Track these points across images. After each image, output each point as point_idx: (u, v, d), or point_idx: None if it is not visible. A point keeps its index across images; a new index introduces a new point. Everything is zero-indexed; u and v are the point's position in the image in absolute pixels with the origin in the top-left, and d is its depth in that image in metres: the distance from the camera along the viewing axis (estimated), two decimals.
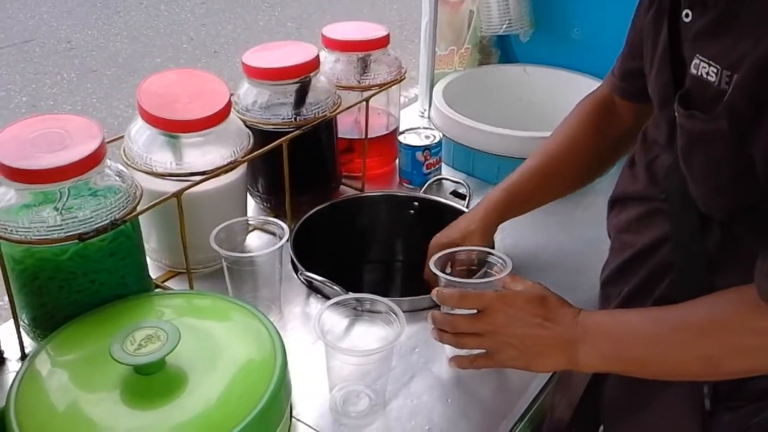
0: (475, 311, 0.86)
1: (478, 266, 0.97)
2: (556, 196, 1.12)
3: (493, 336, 0.84)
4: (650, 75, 0.87)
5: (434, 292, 0.89)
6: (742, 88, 0.67)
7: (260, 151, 1.06)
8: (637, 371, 0.83)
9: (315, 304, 1.06)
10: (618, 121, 1.06)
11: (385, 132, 1.40)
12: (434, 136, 1.36)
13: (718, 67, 0.71)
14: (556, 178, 1.09)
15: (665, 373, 0.81)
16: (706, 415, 0.84)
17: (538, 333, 0.83)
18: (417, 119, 1.63)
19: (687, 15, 0.77)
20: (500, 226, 1.11)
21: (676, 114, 0.76)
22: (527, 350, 0.83)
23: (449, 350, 0.94)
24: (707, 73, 0.72)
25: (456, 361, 0.91)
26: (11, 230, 0.81)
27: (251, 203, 1.27)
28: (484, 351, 0.87)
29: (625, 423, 0.94)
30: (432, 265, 0.93)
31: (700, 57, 0.73)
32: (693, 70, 0.74)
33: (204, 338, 0.82)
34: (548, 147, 1.09)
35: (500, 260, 0.93)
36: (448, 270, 0.96)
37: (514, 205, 1.08)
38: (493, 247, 1.12)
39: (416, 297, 1.03)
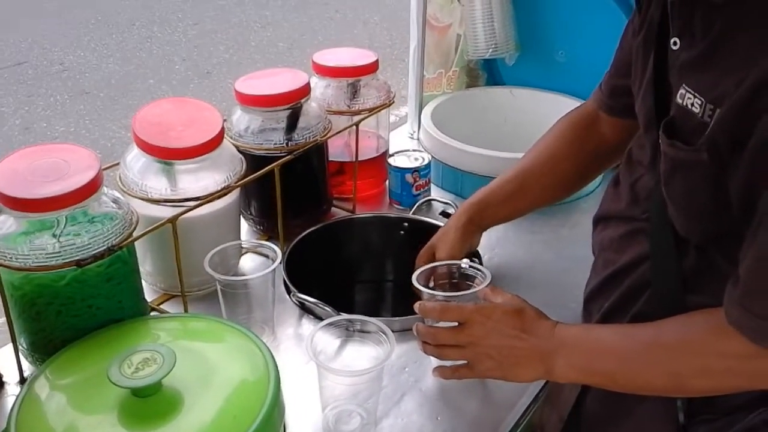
0: (456, 324, 0.89)
1: (459, 279, 1.00)
2: (531, 204, 1.15)
3: (473, 347, 0.88)
4: (638, 97, 0.90)
5: (417, 305, 0.93)
6: (723, 125, 0.70)
7: (253, 176, 1.09)
8: (608, 384, 0.86)
9: (307, 325, 1.08)
10: (599, 136, 1.09)
11: (375, 154, 1.43)
12: (423, 158, 1.39)
13: (703, 99, 0.73)
14: (532, 187, 1.12)
15: (634, 387, 0.84)
16: (681, 428, 0.86)
17: (514, 344, 0.86)
18: (406, 141, 1.66)
19: (675, 43, 0.79)
20: (488, 245, 1.13)
21: (660, 141, 0.79)
22: (504, 360, 0.87)
23: (434, 361, 0.96)
24: (692, 104, 0.74)
25: (439, 371, 0.94)
26: (11, 257, 0.84)
27: (245, 226, 1.29)
28: (465, 362, 0.90)
29: None
30: (414, 280, 0.96)
31: (686, 87, 0.75)
32: (678, 100, 0.76)
33: (199, 360, 0.83)
34: (526, 157, 1.12)
35: (480, 273, 0.97)
36: (432, 284, 0.99)
37: (488, 209, 1.11)
38: (476, 254, 1.16)
39: (406, 317, 1.05)
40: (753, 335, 0.71)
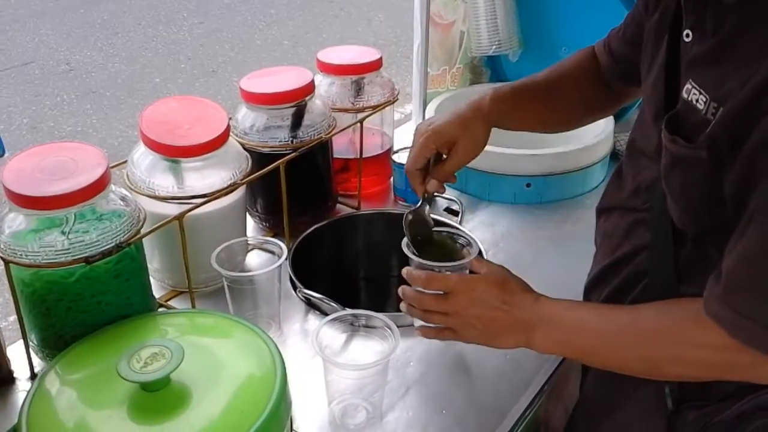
0: (442, 292, 0.91)
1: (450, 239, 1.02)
2: (548, 115, 1.11)
3: (457, 316, 0.90)
4: (646, 80, 0.90)
5: (404, 270, 0.95)
6: (724, 124, 0.70)
7: (259, 173, 1.10)
8: (585, 359, 0.90)
9: (313, 321, 1.09)
10: (603, 80, 1.10)
11: (380, 151, 1.43)
12: None
13: (707, 97, 0.73)
14: (556, 95, 1.09)
15: (611, 366, 0.86)
16: (670, 414, 0.88)
17: (496, 315, 0.88)
18: (410, 138, 1.66)
19: (688, 35, 0.79)
20: (493, 240, 1.14)
21: (662, 135, 0.79)
22: (486, 329, 0.89)
23: (417, 321, 0.97)
24: (696, 100, 0.75)
25: (422, 330, 0.96)
26: (21, 254, 0.85)
27: (250, 223, 1.30)
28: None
29: (601, 423, 0.98)
30: (404, 246, 0.97)
31: (693, 83, 0.76)
32: (684, 94, 0.77)
33: (206, 355, 0.84)
34: (554, 68, 1.11)
35: (468, 243, 0.99)
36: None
37: (517, 103, 1.07)
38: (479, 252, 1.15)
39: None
40: (731, 329, 0.72)
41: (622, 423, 0.94)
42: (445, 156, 1.03)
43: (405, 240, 0.99)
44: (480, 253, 1.00)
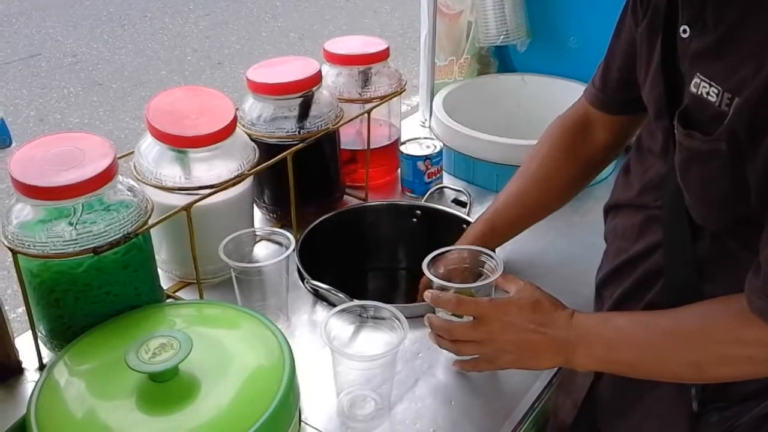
0: (471, 318, 0.89)
1: (470, 264, 0.99)
2: (534, 222, 1.14)
3: (490, 343, 0.88)
4: (645, 85, 0.89)
5: (427, 294, 0.92)
6: (743, 113, 0.69)
7: (266, 164, 1.09)
8: (628, 372, 0.86)
9: (321, 312, 1.09)
10: (593, 141, 1.07)
11: (387, 143, 1.43)
12: (435, 146, 1.39)
13: (719, 88, 0.72)
14: (533, 207, 1.12)
15: (654, 375, 0.84)
16: (694, 416, 0.86)
17: (532, 338, 0.86)
18: (418, 129, 1.66)
19: (685, 31, 0.78)
20: None
21: (676, 131, 0.78)
22: (523, 354, 0.87)
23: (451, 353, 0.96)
24: (707, 93, 0.73)
25: (459, 364, 0.94)
26: (29, 245, 0.85)
27: (258, 214, 1.30)
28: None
29: (617, 422, 0.97)
30: (425, 268, 0.94)
31: (701, 76, 0.74)
32: (693, 89, 0.75)
33: (215, 346, 0.85)
34: (524, 177, 1.11)
35: (492, 260, 0.96)
36: (442, 270, 0.98)
37: (495, 237, 1.11)
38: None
39: (419, 303, 1.06)
40: None
41: (642, 422, 0.92)
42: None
43: (426, 260, 0.96)
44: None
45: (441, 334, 0.91)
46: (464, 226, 1.04)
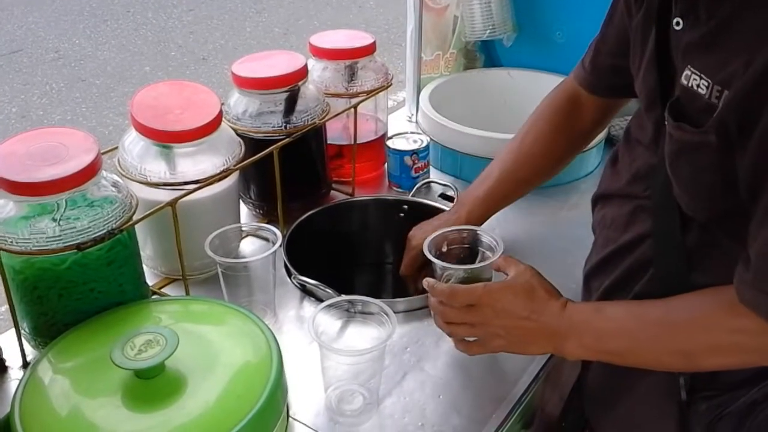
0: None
1: (470, 244, 1.00)
2: (521, 196, 1.18)
3: (483, 327, 0.89)
4: (638, 76, 0.89)
5: (427, 283, 0.93)
6: (732, 106, 0.69)
7: (252, 159, 1.09)
8: (618, 361, 0.87)
9: (309, 307, 1.09)
10: (581, 119, 1.10)
11: (374, 137, 1.42)
12: (422, 141, 1.39)
13: (710, 81, 0.72)
14: (524, 183, 1.16)
15: (645, 364, 0.84)
16: (683, 404, 0.87)
17: (524, 325, 0.87)
18: (405, 124, 1.66)
19: (678, 23, 0.78)
20: (488, 226, 1.13)
21: (666, 123, 0.78)
22: (515, 340, 0.88)
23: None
24: (698, 86, 0.74)
25: (454, 343, 0.95)
26: (11, 241, 0.84)
27: (244, 210, 1.29)
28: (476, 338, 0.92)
29: (605, 412, 0.98)
30: (426, 249, 0.96)
31: (692, 69, 0.75)
32: (684, 81, 0.76)
33: (201, 342, 0.84)
34: (518, 154, 1.13)
35: (492, 240, 0.97)
36: (445, 248, 0.99)
37: (489, 211, 1.14)
38: None
39: (407, 298, 1.06)
40: (766, 313, 0.71)
41: (631, 410, 0.93)
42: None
43: (427, 242, 0.97)
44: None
45: (437, 314, 0.93)
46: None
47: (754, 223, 0.71)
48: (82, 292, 0.90)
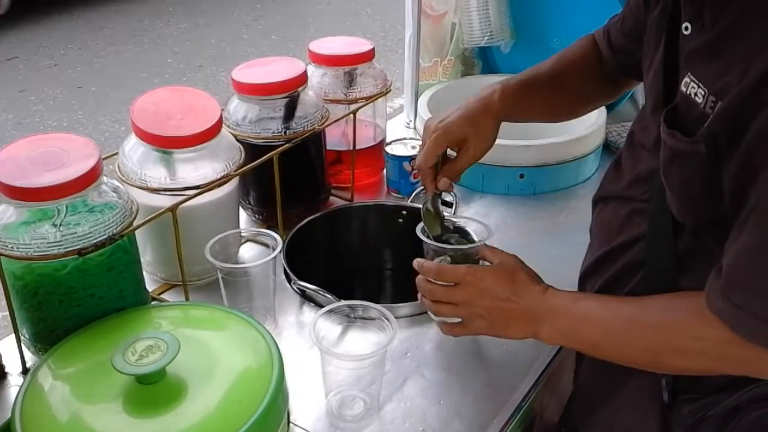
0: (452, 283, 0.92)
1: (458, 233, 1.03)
2: (553, 108, 1.12)
3: (466, 307, 0.91)
4: (648, 73, 0.90)
5: (416, 262, 0.95)
6: (723, 118, 0.70)
7: (252, 164, 1.09)
8: (591, 351, 0.89)
9: (309, 313, 1.08)
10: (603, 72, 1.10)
11: (373, 143, 1.43)
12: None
13: (706, 90, 0.73)
14: (561, 87, 1.09)
15: (616, 358, 0.86)
16: (665, 406, 0.88)
17: (504, 306, 0.89)
18: (403, 130, 1.66)
19: (686, 28, 0.79)
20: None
21: (661, 129, 0.79)
22: (495, 321, 0.90)
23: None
24: (695, 94, 0.74)
25: (440, 325, 0.98)
26: (12, 247, 0.84)
27: (243, 215, 1.29)
28: (459, 320, 0.94)
29: (593, 411, 0.98)
30: (419, 231, 0.99)
31: (691, 76, 0.75)
32: (683, 88, 0.76)
33: (202, 348, 0.84)
34: (557, 59, 1.10)
35: (481, 226, 1.01)
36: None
37: (518, 103, 1.04)
38: (494, 139, 1.08)
39: (407, 303, 1.06)
40: (732, 324, 0.72)
41: (616, 411, 0.94)
42: (455, 153, 1.02)
43: (420, 225, 1.00)
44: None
45: (424, 294, 0.95)
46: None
47: (732, 233, 0.72)
48: (82, 298, 0.89)
